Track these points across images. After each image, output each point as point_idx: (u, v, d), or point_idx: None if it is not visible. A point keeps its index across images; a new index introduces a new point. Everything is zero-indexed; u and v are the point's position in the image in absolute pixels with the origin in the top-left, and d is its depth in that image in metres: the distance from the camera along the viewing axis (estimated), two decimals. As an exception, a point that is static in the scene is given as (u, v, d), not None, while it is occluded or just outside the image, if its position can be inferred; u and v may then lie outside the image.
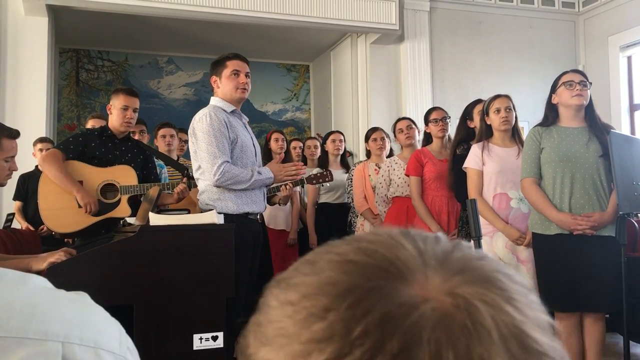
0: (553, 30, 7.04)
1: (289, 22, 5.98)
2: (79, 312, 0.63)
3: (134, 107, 3.46)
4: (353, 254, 0.39)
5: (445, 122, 4.09)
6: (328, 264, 0.39)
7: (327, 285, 0.37)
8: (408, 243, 0.40)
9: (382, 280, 0.36)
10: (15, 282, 0.63)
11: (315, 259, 0.40)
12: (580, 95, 3.04)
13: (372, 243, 0.40)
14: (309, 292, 0.37)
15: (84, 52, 7.72)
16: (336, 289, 0.36)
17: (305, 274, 0.39)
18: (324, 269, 0.38)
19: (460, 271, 0.38)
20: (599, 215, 2.95)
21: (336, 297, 0.36)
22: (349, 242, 0.41)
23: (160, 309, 2.40)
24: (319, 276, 0.38)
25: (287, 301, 0.38)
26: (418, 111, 5.86)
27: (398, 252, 0.39)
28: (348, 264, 0.38)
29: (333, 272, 0.38)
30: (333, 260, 0.39)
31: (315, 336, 0.35)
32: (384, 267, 0.37)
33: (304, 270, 0.40)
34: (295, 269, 0.41)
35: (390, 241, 0.40)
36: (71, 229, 3.35)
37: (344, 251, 0.40)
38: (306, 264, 0.41)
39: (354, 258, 0.38)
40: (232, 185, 2.99)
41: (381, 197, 4.36)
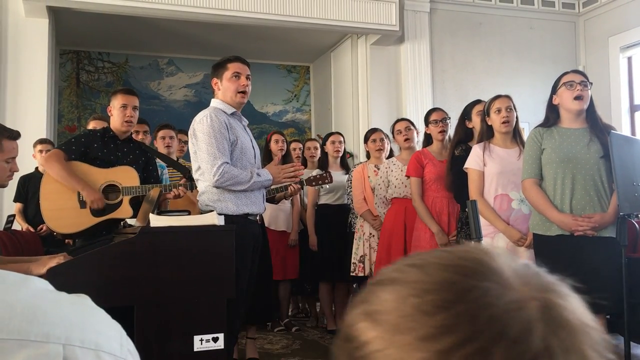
0: (553, 31, 7.04)
1: (289, 23, 5.99)
2: (80, 315, 0.63)
3: (133, 105, 3.47)
4: (459, 261, 0.47)
5: (446, 123, 4.09)
6: (439, 267, 0.47)
7: (448, 284, 0.45)
8: (500, 258, 0.49)
9: (491, 282, 0.45)
10: (16, 285, 0.63)
11: (422, 263, 0.48)
12: (581, 96, 3.04)
13: (470, 253, 0.48)
14: (431, 288, 0.45)
15: (85, 53, 7.73)
16: (457, 287, 0.44)
17: (418, 274, 0.47)
18: (437, 271, 0.46)
19: (539, 283, 0.47)
20: (600, 216, 2.94)
21: (458, 292, 0.44)
22: (449, 252, 0.49)
23: (160, 311, 2.40)
24: (435, 276, 0.46)
25: (409, 294, 0.45)
26: (418, 112, 5.86)
27: (494, 263, 0.47)
28: (459, 267, 0.46)
29: (448, 274, 0.46)
30: (443, 264, 0.47)
31: (443, 323, 0.42)
32: (487, 274, 0.46)
33: (413, 271, 0.48)
34: (400, 270, 0.49)
35: (486, 255, 0.49)
36: (73, 229, 3.35)
37: (450, 258, 0.48)
38: (413, 267, 0.48)
39: (462, 264, 0.47)
40: (232, 186, 3.00)
41: (380, 199, 4.36)
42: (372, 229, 4.50)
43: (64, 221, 3.33)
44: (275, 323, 5.04)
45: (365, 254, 4.50)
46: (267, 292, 3.91)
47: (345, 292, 5.13)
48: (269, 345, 4.49)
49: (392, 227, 4.17)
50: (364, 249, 4.52)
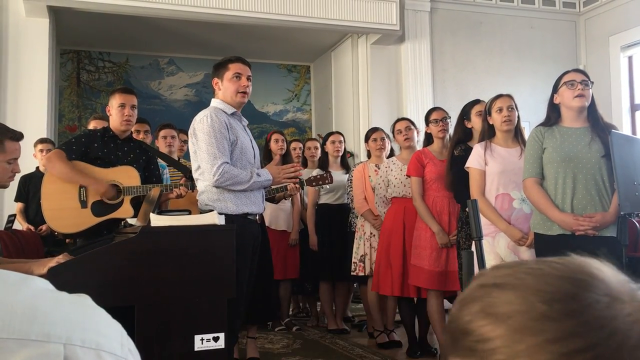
0: (554, 30, 7.04)
1: (289, 22, 5.99)
2: (80, 314, 0.63)
3: (131, 104, 3.47)
4: (575, 274, 0.51)
5: (446, 123, 4.09)
6: (558, 278, 0.51)
7: (571, 295, 0.49)
8: (607, 271, 0.53)
9: (607, 297, 0.49)
10: (17, 284, 0.63)
11: (539, 273, 0.52)
12: (582, 95, 3.04)
13: (583, 267, 0.52)
14: (557, 297, 0.49)
15: (85, 53, 7.73)
16: (580, 298, 0.49)
17: (539, 283, 0.50)
18: (557, 281, 0.50)
19: (638, 297, 0.51)
20: (601, 215, 2.94)
21: (583, 304, 0.48)
22: (562, 264, 0.53)
23: (161, 310, 2.40)
24: (557, 287, 0.50)
25: (536, 301, 0.49)
26: (419, 112, 5.86)
27: (604, 277, 0.51)
28: (577, 281, 0.50)
29: (569, 285, 0.50)
30: (561, 275, 0.51)
31: (571, 329, 0.47)
32: (602, 287, 0.50)
33: (532, 279, 0.51)
34: (516, 277, 0.52)
35: (594, 268, 0.53)
36: (74, 229, 3.36)
37: (566, 270, 0.52)
38: (529, 275, 0.52)
39: (579, 277, 0.51)
40: (231, 186, 3.00)
41: (380, 198, 4.36)
42: (373, 228, 4.50)
43: (65, 221, 3.34)
44: (275, 322, 5.05)
45: (365, 254, 4.51)
46: (268, 291, 3.91)
47: (346, 292, 5.13)
48: (269, 345, 4.50)
49: (392, 226, 4.17)
50: (365, 249, 4.52)
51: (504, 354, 0.47)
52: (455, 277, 3.75)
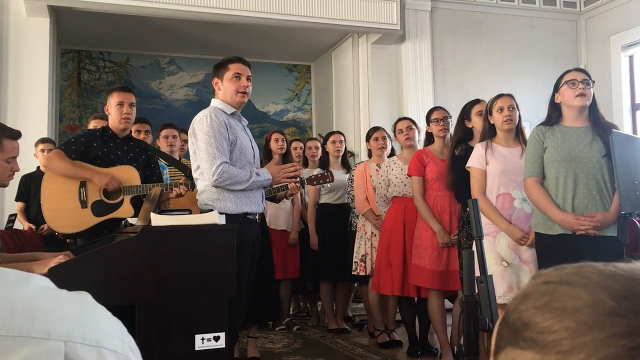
0: (554, 30, 7.04)
1: (290, 22, 5.99)
2: (81, 311, 0.63)
3: (130, 102, 3.47)
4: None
5: (447, 122, 4.08)
6: (626, 279, 0.51)
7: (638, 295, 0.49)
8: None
9: None
10: (17, 282, 0.63)
11: (609, 272, 0.52)
12: (583, 94, 3.03)
13: None
14: (626, 295, 0.49)
15: (86, 52, 7.74)
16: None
17: (608, 281, 0.51)
18: (625, 281, 0.51)
19: None
20: (602, 215, 2.94)
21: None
22: (625, 266, 0.53)
23: (161, 310, 2.40)
24: (625, 286, 0.50)
25: (606, 297, 0.49)
26: (419, 111, 5.86)
27: None
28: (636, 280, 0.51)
29: (637, 286, 0.50)
30: (629, 277, 0.51)
31: (638, 325, 0.47)
32: None
33: (600, 278, 0.52)
34: (583, 275, 0.53)
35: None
36: (74, 229, 3.36)
37: (631, 272, 0.52)
38: (598, 274, 0.52)
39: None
40: (230, 185, 3.01)
41: (381, 198, 4.36)
42: (374, 228, 4.50)
43: (65, 221, 3.34)
44: (276, 322, 5.05)
45: (366, 254, 4.51)
46: (269, 291, 3.91)
47: (346, 291, 5.14)
48: (270, 345, 4.50)
49: (392, 226, 4.17)
50: (366, 248, 4.52)
51: (568, 346, 0.48)
52: (456, 277, 3.75)
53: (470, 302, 2.17)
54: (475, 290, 2.23)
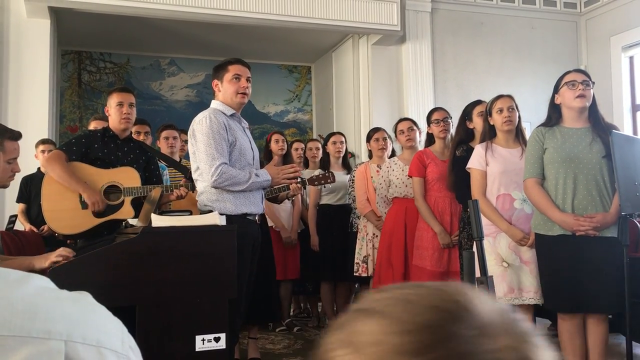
0: (555, 30, 7.04)
1: (290, 23, 5.99)
2: (81, 311, 0.63)
3: (129, 102, 3.47)
4: (444, 303, 0.49)
5: (447, 123, 4.09)
6: (424, 308, 0.49)
7: (431, 328, 0.47)
8: (477, 301, 0.50)
9: (472, 330, 0.47)
10: (17, 282, 0.63)
11: (409, 299, 0.50)
12: (583, 95, 3.04)
13: (455, 296, 0.50)
14: (413, 329, 0.47)
15: (86, 54, 7.74)
16: (439, 332, 0.47)
17: (403, 312, 0.49)
18: (422, 310, 0.49)
19: (512, 331, 0.49)
20: (602, 216, 2.94)
21: (439, 338, 0.46)
22: (435, 290, 0.51)
23: (162, 310, 2.40)
24: (419, 317, 0.48)
25: (392, 332, 0.47)
26: (420, 112, 5.86)
27: (474, 308, 0.49)
28: (443, 312, 0.48)
29: (432, 316, 0.48)
30: (428, 306, 0.49)
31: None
32: (469, 320, 0.48)
33: (399, 308, 0.49)
34: (385, 303, 0.51)
35: (466, 297, 0.50)
36: (74, 230, 3.36)
37: (435, 300, 0.50)
38: (399, 302, 0.50)
39: (446, 307, 0.49)
40: (230, 186, 3.01)
41: (382, 198, 4.36)
42: (376, 229, 4.50)
43: (66, 222, 3.34)
44: (276, 323, 5.04)
45: (368, 255, 4.50)
46: (270, 292, 3.91)
47: (347, 292, 5.13)
48: (270, 345, 4.50)
49: (393, 227, 4.17)
50: (367, 249, 4.52)
51: None
52: (457, 278, 3.74)
53: (471, 303, 2.17)
54: (475, 291, 2.23)
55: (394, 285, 0.54)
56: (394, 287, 0.53)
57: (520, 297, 3.25)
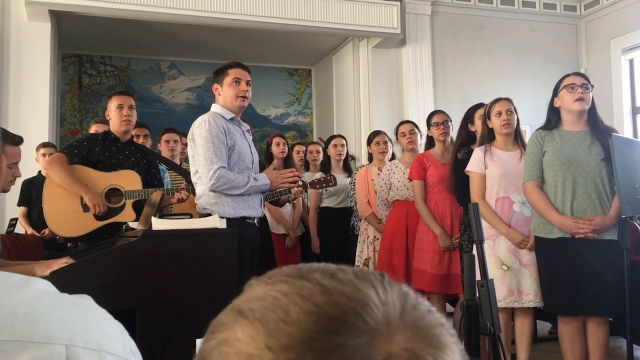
0: (555, 33, 7.05)
1: (291, 26, 6.00)
2: (82, 315, 0.63)
3: (129, 104, 3.48)
4: (332, 310, 0.42)
5: (447, 126, 4.09)
6: (308, 314, 0.41)
7: (310, 341, 0.40)
8: (373, 295, 0.43)
9: (360, 338, 0.40)
10: (18, 286, 0.63)
11: (292, 300, 0.43)
12: (582, 99, 3.04)
13: (349, 296, 0.43)
14: (290, 344, 0.40)
15: (87, 57, 7.75)
16: (319, 346, 0.40)
17: (281, 318, 0.42)
18: (304, 318, 0.41)
19: (414, 328, 0.43)
20: (601, 218, 2.94)
21: (319, 354, 0.39)
22: (326, 290, 0.44)
23: (163, 314, 2.41)
24: (299, 327, 0.41)
25: (265, 346, 0.41)
26: (420, 115, 5.86)
27: (366, 307, 0.42)
28: (329, 320, 0.41)
29: (314, 327, 0.41)
30: (313, 312, 0.42)
31: None
32: (359, 325, 0.41)
33: (279, 310, 0.43)
34: (266, 301, 0.44)
35: (357, 294, 0.43)
36: (75, 233, 3.36)
37: (323, 304, 0.42)
38: (279, 303, 0.43)
39: (333, 314, 0.41)
40: (228, 190, 3.02)
41: (382, 201, 4.37)
42: (377, 232, 4.50)
43: (67, 225, 3.34)
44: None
45: (369, 257, 4.50)
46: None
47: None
48: (271, 349, 4.48)
49: (394, 229, 4.16)
50: (368, 252, 4.51)
51: None
52: (458, 280, 3.75)
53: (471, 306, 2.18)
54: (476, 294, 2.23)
55: (283, 274, 0.46)
56: (281, 275, 0.46)
57: (519, 300, 3.25)
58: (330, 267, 0.48)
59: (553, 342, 4.06)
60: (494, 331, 2.23)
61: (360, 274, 0.46)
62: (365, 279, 0.45)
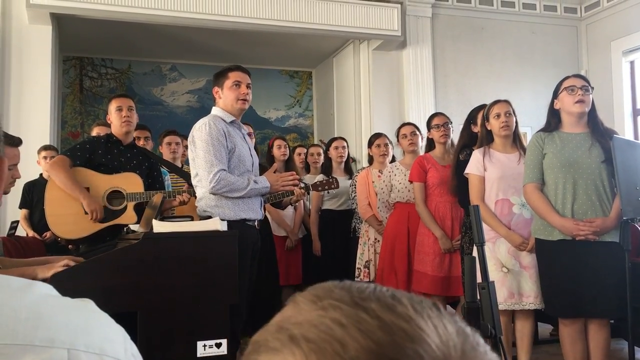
0: (555, 35, 7.05)
1: (291, 29, 6.00)
2: (84, 319, 0.64)
3: (128, 106, 3.50)
4: (387, 345, 0.40)
5: (448, 128, 4.09)
6: (361, 350, 0.39)
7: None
8: (434, 335, 0.41)
9: None
10: (20, 290, 0.63)
11: (342, 337, 0.41)
12: (582, 101, 3.04)
13: (402, 333, 0.40)
14: None
15: (88, 59, 7.76)
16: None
17: (334, 351, 0.40)
18: (358, 356, 0.39)
19: (458, 349, 0.41)
20: (602, 220, 2.94)
21: None
22: (373, 318, 0.42)
23: (163, 316, 2.41)
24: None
25: None
26: (420, 117, 5.86)
27: (427, 348, 0.40)
28: (380, 356, 0.39)
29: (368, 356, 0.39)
30: (366, 348, 0.40)
31: None
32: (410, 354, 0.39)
33: (332, 344, 0.41)
34: (319, 330, 0.42)
35: (418, 333, 0.41)
36: (77, 235, 3.36)
37: (379, 339, 0.40)
38: (330, 334, 0.41)
39: (387, 352, 0.39)
40: (228, 193, 3.02)
41: (383, 203, 4.36)
42: (377, 234, 4.50)
43: (68, 227, 3.34)
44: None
45: (370, 259, 4.50)
46: (273, 297, 3.90)
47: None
48: (272, 351, 4.48)
49: (396, 232, 4.16)
50: (369, 254, 4.51)
51: None
52: (459, 283, 3.74)
53: (472, 309, 2.17)
54: (477, 297, 2.23)
55: (334, 295, 0.45)
56: (332, 299, 0.44)
57: (520, 302, 3.25)
58: (385, 296, 0.44)
59: (554, 344, 4.05)
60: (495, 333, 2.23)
61: (419, 307, 0.43)
62: (424, 313, 0.43)
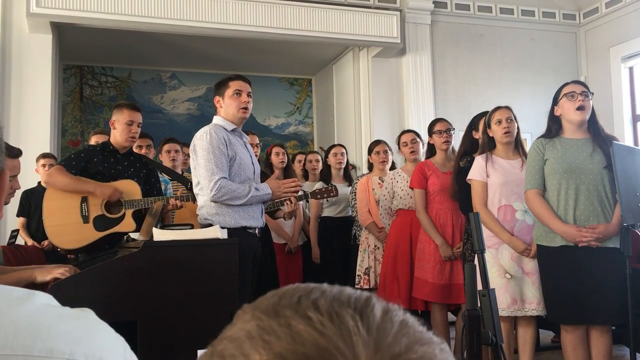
0: (554, 42, 7.06)
1: (291, 36, 6.02)
2: (83, 329, 0.63)
3: (139, 122, 3.50)
4: (314, 350, 0.38)
5: (450, 134, 4.08)
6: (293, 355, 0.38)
7: None
8: (342, 346, 0.39)
9: None
10: (20, 300, 0.63)
11: (248, 350, 0.39)
12: (582, 107, 3.04)
13: (310, 344, 0.39)
14: None
15: (88, 68, 7.78)
16: None
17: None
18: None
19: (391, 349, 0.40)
20: (604, 226, 2.94)
21: None
22: (283, 327, 0.40)
23: (164, 325, 2.40)
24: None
25: None
26: (420, 124, 5.87)
27: (348, 339, 0.39)
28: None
29: None
30: (297, 352, 0.38)
31: None
32: None
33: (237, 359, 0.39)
34: (229, 349, 0.40)
35: (325, 345, 0.39)
36: (76, 244, 3.35)
37: (280, 350, 0.38)
38: (238, 349, 0.40)
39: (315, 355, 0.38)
40: (229, 200, 3.03)
41: (385, 210, 4.36)
42: (377, 241, 4.49)
43: (68, 237, 3.34)
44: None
45: (370, 266, 4.49)
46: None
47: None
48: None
49: (398, 239, 4.15)
50: (369, 261, 4.50)
51: None
52: (460, 290, 3.73)
53: (473, 316, 2.17)
54: (477, 304, 2.23)
55: (266, 302, 0.43)
56: (258, 310, 0.42)
57: (523, 309, 3.24)
58: (308, 298, 0.43)
59: (556, 350, 4.04)
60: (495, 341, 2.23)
61: (335, 315, 0.41)
62: (341, 322, 0.40)
